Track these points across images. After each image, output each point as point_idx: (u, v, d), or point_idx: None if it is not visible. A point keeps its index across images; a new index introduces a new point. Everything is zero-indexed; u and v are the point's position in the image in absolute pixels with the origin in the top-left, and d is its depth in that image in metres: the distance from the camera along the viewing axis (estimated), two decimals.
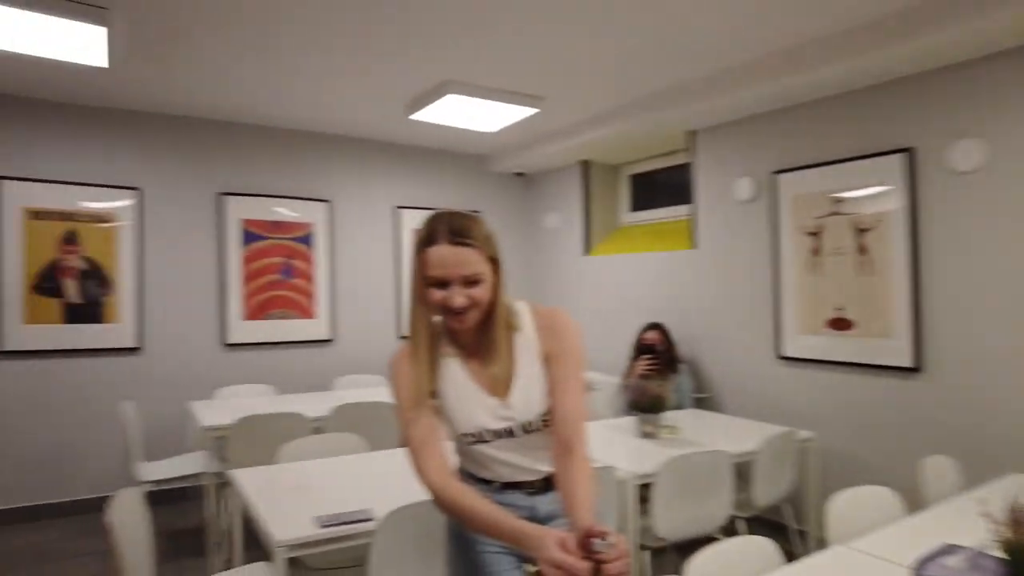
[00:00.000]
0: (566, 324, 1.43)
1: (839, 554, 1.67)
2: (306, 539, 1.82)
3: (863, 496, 1.99)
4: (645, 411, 3.01)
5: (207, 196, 4.48)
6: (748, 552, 1.57)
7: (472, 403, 1.40)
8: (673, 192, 4.81)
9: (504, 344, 1.39)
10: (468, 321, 1.35)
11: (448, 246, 1.30)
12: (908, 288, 3.11)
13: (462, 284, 1.31)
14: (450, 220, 1.33)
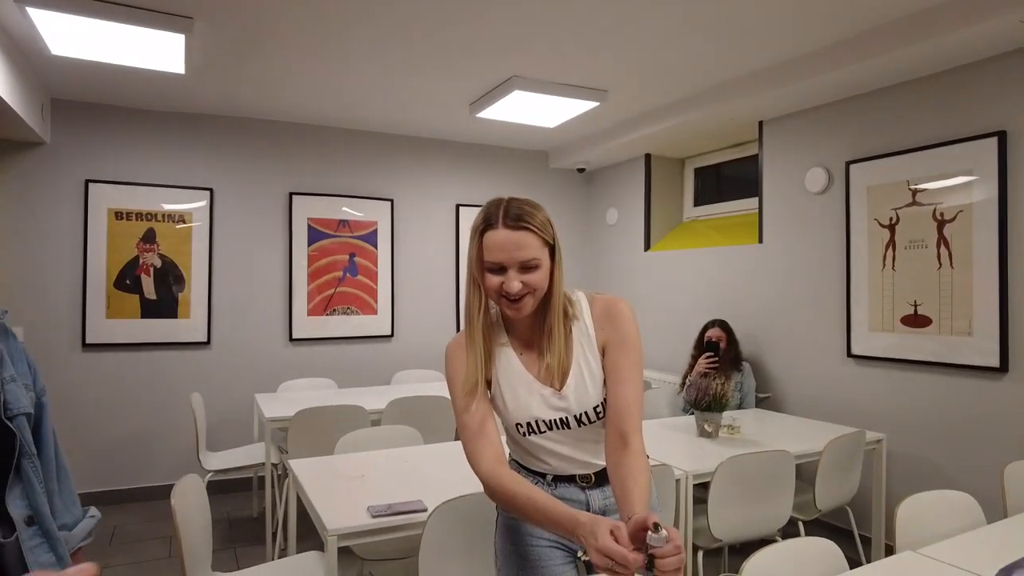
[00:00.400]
0: (624, 312, 1.40)
1: (908, 560, 1.57)
2: (358, 528, 1.85)
3: (937, 500, 1.86)
4: (705, 410, 2.93)
5: (276, 196, 4.64)
6: (809, 553, 1.49)
7: (526, 393, 1.38)
8: (739, 186, 4.67)
9: (560, 333, 1.37)
10: (524, 309, 1.33)
11: (506, 230, 1.28)
12: (995, 282, 2.90)
13: (519, 270, 1.29)
14: (508, 204, 1.31)
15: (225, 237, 4.50)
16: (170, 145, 4.36)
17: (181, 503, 1.90)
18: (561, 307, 1.37)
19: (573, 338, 1.39)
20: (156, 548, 3.54)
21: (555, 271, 1.34)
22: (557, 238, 1.35)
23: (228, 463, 3.56)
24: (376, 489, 2.14)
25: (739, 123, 4.11)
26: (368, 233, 4.90)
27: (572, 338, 1.39)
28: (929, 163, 3.15)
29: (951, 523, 1.83)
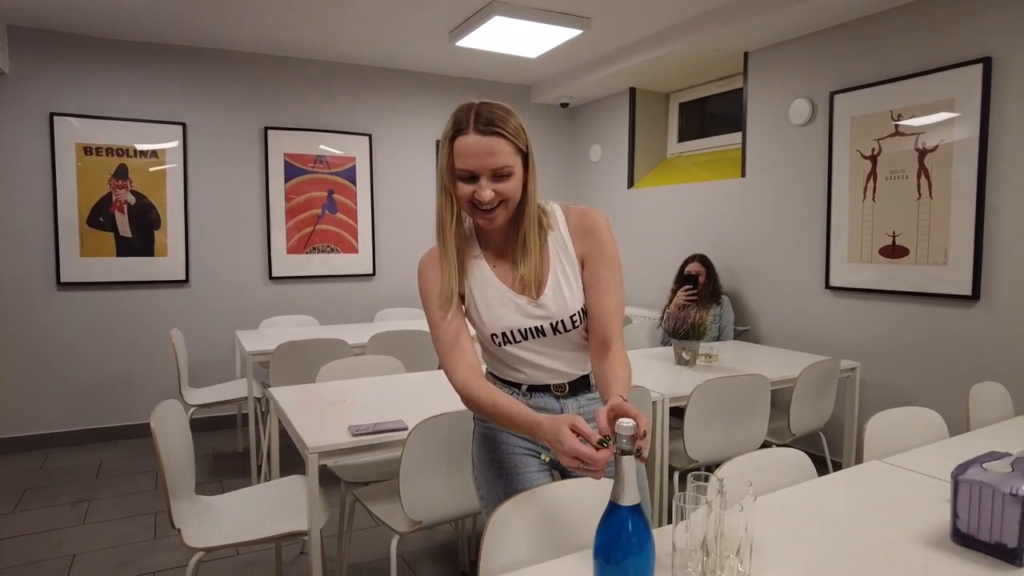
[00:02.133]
0: (600, 224, 1.39)
1: (873, 467, 1.63)
2: (339, 446, 1.88)
3: (905, 416, 1.92)
4: (683, 338, 2.97)
5: (250, 131, 4.53)
6: (781, 462, 1.54)
7: (500, 304, 1.38)
8: (723, 122, 4.62)
9: (535, 243, 1.36)
10: (497, 219, 1.31)
11: (477, 135, 1.25)
12: (972, 213, 2.93)
13: (491, 178, 1.27)
14: (479, 108, 1.28)
15: (200, 173, 4.41)
16: (139, 77, 4.22)
17: (160, 425, 1.91)
18: (535, 217, 1.36)
19: (548, 248, 1.38)
20: (142, 481, 3.59)
21: (528, 180, 1.32)
22: (531, 145, 1.32)
23: (210, 398, 3.58)
24: (357, 412, 2.17)
25: (724, 54, 4.04)
26: (346, 169, 4.82)
27: (548, 248, 1.38)
28: (913, 92, 3.13)
29: (916, 437, 1.90)
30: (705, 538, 1.04)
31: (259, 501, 2.23)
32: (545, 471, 1.48)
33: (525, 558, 1.20)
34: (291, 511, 2.12)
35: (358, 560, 2.73)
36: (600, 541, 0.97)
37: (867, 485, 1.51)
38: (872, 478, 1.55)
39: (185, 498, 2.05)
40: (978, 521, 1.17)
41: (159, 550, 2.81)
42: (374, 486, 2.26)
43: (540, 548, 1.23)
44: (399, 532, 1.96)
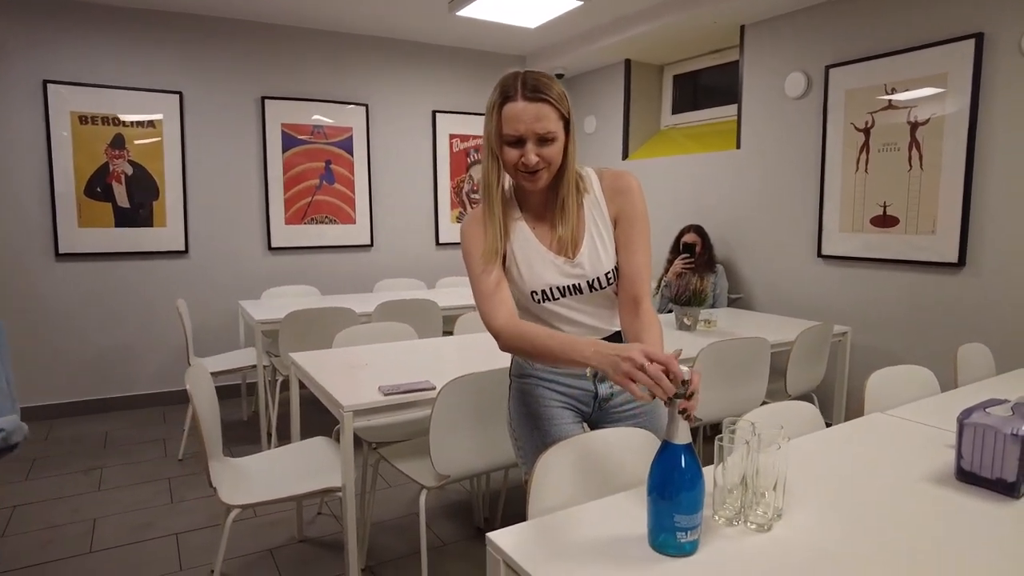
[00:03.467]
0: (632, 186, 1.48)
1: (877, 419, 1.76)
2: (372, 404, 1.96)
3: (901, 374, 2.06)
4: (685, 304, 3.09)
5: (247, 100, 4.51)
6: (795, 414, 1.67)
7: (540, 264, 1.47)
8: (716, 94, 4.71)
9: (573, 206, 1.44)
10: (540, 181, 1.39)
11: (524, 102, 1.32)
12: (960, 184, 3.07)
13: (536, 142, 1.34)
14: (525, 76, 1.34)
15: (198, 143, 4.40)
16: (134, 45, 4.17)
17: (194, 387, 1.98)
18: (574, 181, 1.44)
19: (584, 210, 1.47)
20: (150, 450, 3.65)
21: (569, 145, 1.40)
22: (572, 112, 1.39)
23: (218, 366, 3.64)
24: (383, 374, 2.25)
25: (721, 27, 4.11)
26: (343, 140, 4.83)
27: (583, 211, 1.47)
28: (907, 66, 3.24)
29: (912, 392, 2.04)
30: (744, 475, 1.15)
31: (285, 462, 2.32)
32: (577, 422, 1.58)
33: (570, 499, 1.31)
34: (319, 470, 2.21)
35: (379, 519, 2.84)
36: (655, 478, 1.07)
37: (873, 434, 1.64)
38: (877, 427, 1.69)
39: (217, 459, 2.13)
40: (980, 459, 1.30)
41: (177, 513, 2.89)
42: (398, 445, 2.36)
43: (583, 490, 1.34)
44: (427, 487, 2.06)
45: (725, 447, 1.16)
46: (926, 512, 1.20)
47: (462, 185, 5.36)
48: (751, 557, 1.05)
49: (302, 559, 2.51)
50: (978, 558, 1.04)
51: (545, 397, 1.55)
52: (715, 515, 1.18)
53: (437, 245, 5.29)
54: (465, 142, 5.32)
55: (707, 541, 1.10)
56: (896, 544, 1.08)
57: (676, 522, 1.03)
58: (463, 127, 5.29)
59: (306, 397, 4.09)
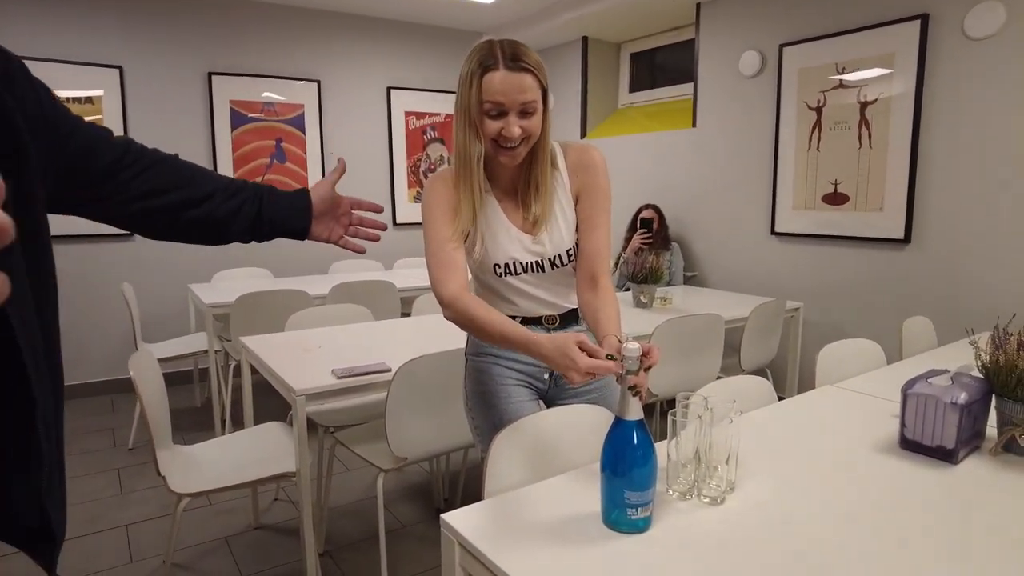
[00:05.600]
0: (597, 161, 1.46)
1: (827, 391, 1.80)
2: (324, 388, 1.92)
3: (850, 347, 2.11)
4: (641, 282, 3.12)
5: (193, 76, 4.34)
6: (748, 388, 1.69)
7: (506, 237, 1.44)
8: (673, 72, 4.72)
9: (546, 184, 1.41)
10: (519, 156, 1.35)
11: (506, 71, 1.27)
12: (906, 163, 3.15)
13: (518, 113, 1.30)
14: (503, 45, 1.29)
15: (141, 121, 4.22)
16: (69, 14, 3.96)
17: (139, 374, 1.91)
18: (549, 156, 1.41)
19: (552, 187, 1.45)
20: (98, 439, 3.53)
21: (546, 117, 1.36)
22: (548, 81, 1.36)
23: (168, 352, 3.53)
24: (337, 357, 2.21)
25: (677, 4, 4.11)
26: (295, 117, 4.70)
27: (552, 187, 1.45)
28: (856, 46, 3.29)
29: (860, 365, 2.09)
30: (697, 450, 1.16)
31: (238, 448, 2.26)
32: (534, 400, 1.58)
33: (526, 478, 1.30)
34: (272, 456, 2.17)
35: (336, 503, 2.81)
36: (607, 454, 1.07)
37: (823, 406, 1.68)
38: (827, 400, 1.73)
39: (166, 447, 2.07)
40: (923, 428, 1.34)
41: (127, 505, 2.81)
42: (353, 429, 2.33)
43: (539, 469, 1.33)
44: (384, 469, 2.04)
45: (678, 422, 1.17)
46: (871, 480, 1.23)
47: (419, 164, 5.28)
48: (704, 530, 1.06)
49: (258, 546, 2.47)
50: (919, 521, 1.07)
51: (501, 375, 1.54)
52: (669, 489, 1.19)
53: (394, 225, 5.21)
54: (421, 119, 5.23)
55: (661, 516, 1.10)
56: (842, 512, 1.11)
57: (627, 499, 1.03)
58: (419, 104, 5.20)
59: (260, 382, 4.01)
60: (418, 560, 2.37)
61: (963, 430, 1.29)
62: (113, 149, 0.97)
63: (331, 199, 1.18)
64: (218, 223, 1.08)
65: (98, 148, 0.95)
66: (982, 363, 1.38)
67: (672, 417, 1.17)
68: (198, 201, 1.06)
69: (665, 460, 1.20)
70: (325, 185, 1.17)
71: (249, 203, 1.10)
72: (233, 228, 1.10)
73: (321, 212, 1.17)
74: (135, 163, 1.00)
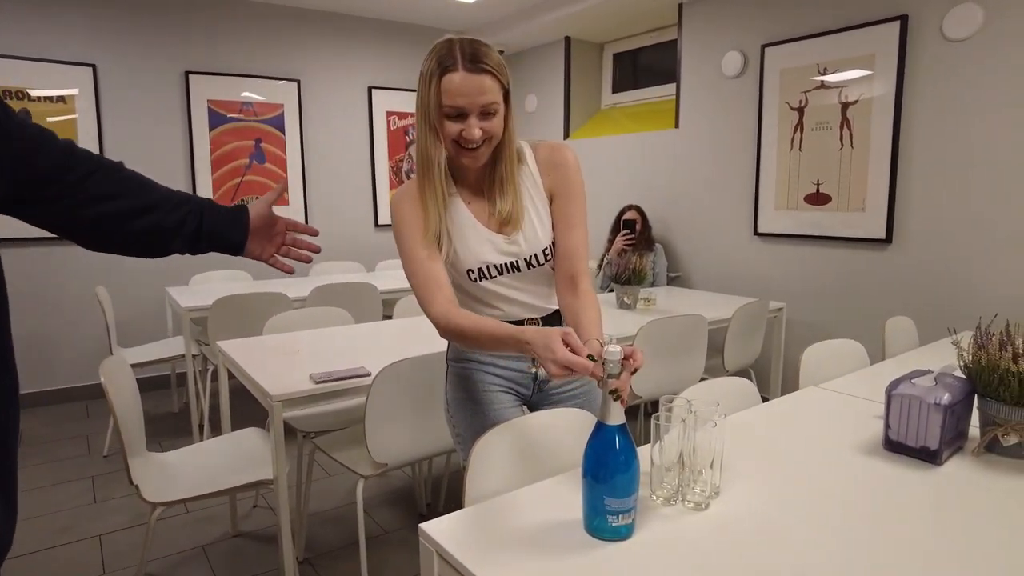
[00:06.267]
0: (568, 159, 1.44)
1: (811, 392, 1.80)
2: (302, 393, 1.89)
3: (833, 348, 2.11)
4: (625, 283, 3.11)
5: (170, 75, 4.27)
6: (731, 390, 1.68)
7: (476, 241, 1.42)
8: (656, 73, 4.72)
9: (513, 181, 1.39)
10: (481, 157, 1.33)
11: (465, 72, 1.25)
12: (887, 163, 3.16)
13: (478, 115, 1.28)
14: (462, 44, 1.27)
15: (116, 121, 4.14)
16: (42, 11, 3.87)
17: (111, 380, 1.87)
18: (514, 155, 1.39)
19: (520, 184, 1.42)
20: (71, 447, 3.46)
21: (509, 117, 1.34)
22: (511, 82, 1.34)
23: (144, 357, 3.46)
24: (315, 362, 2.17)
25: (659, 4, 4.11)
26: (274, 117, 4.65)
27: (520, 185, 1.42)
28: (838, 47, 3.31)
29: (844, 365, 2.09)
30: (681, 454, 1.14)
31: (214, 455, 2.22)
32: (517, 406, 1.55)
33: (507, 484, 1.28)
34: (250, 463, 2.13)
35: (316, 509, 2.77)
36: (589, 460, 1.05)
37: (807, 408, 1.67)
38: (810, 401, 1.72)
39: (139, 455, 2.02)
40: (906, 429, 1.33)
41: (101, 514, 2.75)
42: (332, 435, 2.29)
43: (521, 474, 1.31)
44: (364, 476, 2.01)
45: (662, 425, 1.15)
46: (856, 482, 1.22)
47: (401, 164, 5.24)
48: (687, 537, 1.04)
49: (237, 554, 2.43)
50: (904, 523, 1.06)
51: (483, 381, 1.51)
52: (653, 495, 1.17)
53: (376, 226, 5.17)
54: (403, 119, 5.20)
55: (644, 522, 1.08)
56: (827, 515, 1.10)
57: (608, 505, 1.01)
58: (401, 104, 5.16)
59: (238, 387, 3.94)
60: (400, 567, 2.34)
61: (947, 431, 1.29)
62: (58, 149, 0.95)
63: (268, 217, 1.20)
64: (164, 234, 1.07)
65: (44, 147, 0.92)
66: (964, 363, 1.37)
67: (655, 421, 1.15)
68: (144, 210, 1.04)
69: (648, 465, 1.18)
70: (262, 204, 1.20)
71: (192, 216, 1.10)
72: (176, 241, 1.09)
73: (257, 229, 1.19)
74: (79, 166, 0.98)
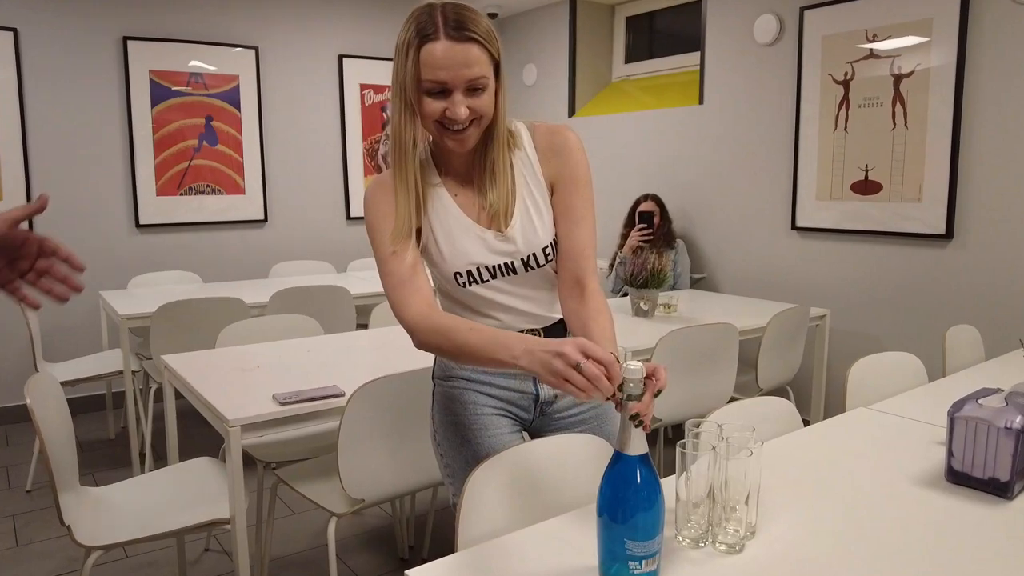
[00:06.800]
0: (572, 143, 1.44)
1: (861, 415, 1.81)
2: (264, 417, 1.89)
3: (885, 362, 2.13)
4: (642, 286, 3.12)
5: (106, 41, 4.29)
6: (768, 412, 1.70)
7: (464, 238, 1.42)
8: (676, 39, 4.75)
9: (506, 167, 1.39)
10: (469, 140, 1.33)
11: (448, 42, 1.24)
12: (947, 145, 3.19)
13: (465, 91, 1.28)
14: (444, 9, 1.27)
15: (41, 94, 4.14)
16: None
17: (37, 403, 1.86)
18: (505, 137, 1.40)
19: (515, 172, 1.43)
20: None
21: (500, 94, 1.34)
22: (501, 52, 1.34)
23: (75, 373, 3.46)
24: (279, 379, 2.18)
25: None
26: (228, 91, 4.66)
27: (515, 172, 1.43)
28: (889, 9, 3.34)
29: (898, 382, 2.11)
30: (711, 487, 1.15)
31: (160, 490, 2.22)
32: (516, 432, 1.56)
33: (506, 524, 1.29)
34: (201, 499, 2.13)
35: (279, 553, 2.77)
36: (605, 496, 1.06)
37: (856, 432, 1.69)
38: (860, 425, 1.73)
39: (71, 490, 2.02)
40: (972, 458, 1.35)
41: (24, 559, 2.75)
42: (299, 465, 2.29)
43: (522, 513, 1.32)
44: (336, 514, 2.01)
45: (688, 455, 1.16)
46: (914, 520, 1.24)
47: (376, 146, 5.25)
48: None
49: None
50: (969, 566, 1.08)
51: (476, 403, 1.52)
52: (678, 535, 1.18)
53: (348, 219, 5.18)
54: (380, 93, 5.21)
55: (669, 568, 1.09)
56: (880, 558, 1.11)
57: (629, 550, 1.02)
58: (377, 76, 5.18)
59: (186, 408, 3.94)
60: None
61: (1019, 460, 1.30)
62: None
63: (9, 236, 1.10)
64: None
65: None
66: None
67: (681, 449, 1.16)
68: None
69: (673, 501, 1.19)
70: (3, 220, 1.09)
71: None
72: None
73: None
74: None
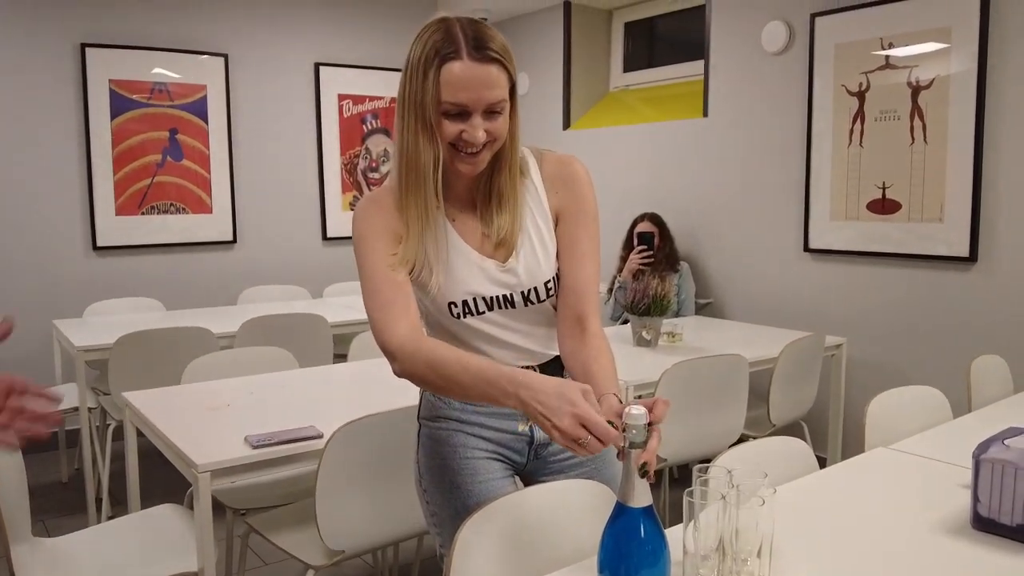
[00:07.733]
0: (580, 175, 1.48)
1: (880, 455, 1.83)
2: (236, 461, 1.90)
3: (906, 397, 2.16)
4: (643, 314, 3.14)
5: (62, 47, 4.32)
6: (781, 453, 1.72)
7: (464, 265, 1.44)
8: (679, 47, 4.82)
9: (514, 195, 1.43)
10: (482, 163, 1.36)
11: (472, 63, 1.27)
12: (970, 160, 3.25)
13: (483, 114, 1.31)
14: (464, 27, 1.29)
15: None
16: None
17: None
18: (516, 162, 1.43)
19: (521, 200, 1.46)
20: None
21: (514, 116, 1.38)
22: (516, 71, 1.37)
23: None
24: (250, 419, 2.19)
25: None
26: (194, 101, 4.69)
27: (521, 201, 1.46)
28: (905, 16, 3.40)
29: (920, 419, 2.13)
30: (721, 538, 1.17)
31: (122, 540, 2.23)
32: (508, 477, 1.57)
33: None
34: (166, 550, 2.13)
35: None
36: (607, 551, 1.07)
37: (876, 474, 1.71)
38: (880, 467, 1.76)
39: (23, 540, 2.02)
40: (1000, 504, 1.37)
41: None
42: (273, 512, 2.30)
43: (516, 567, 1.33)
44: (313, 566, 2.01)
45: (696, 503, 1.17)
46: (937, 570, 1.25)
47: (356, 161, 5.28)
48: None
49: None
50: None
51: (465, 445, 1.53)
52: None
53: (324, 240, 5.19)
54: (359, 104, 5.25)
55: None
56: None
57: None
58: (356, 85, 5.22)
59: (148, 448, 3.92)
60: None
61: None
62: None
63: None
64: None
65: None
66: None
67: (688, 498, 1.18)
68: None
69: (680, 553, 1.20)
70: None
71: None
72: None
73: None
74: None
